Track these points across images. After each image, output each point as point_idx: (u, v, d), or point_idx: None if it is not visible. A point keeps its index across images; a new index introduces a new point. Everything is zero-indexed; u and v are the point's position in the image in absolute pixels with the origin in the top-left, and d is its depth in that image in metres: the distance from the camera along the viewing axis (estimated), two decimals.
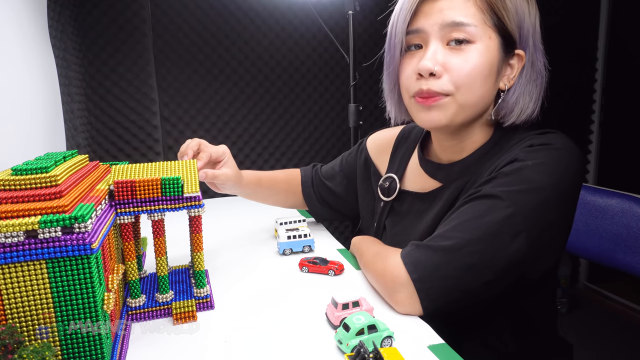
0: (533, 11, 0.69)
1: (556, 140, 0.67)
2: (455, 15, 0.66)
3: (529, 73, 0.71)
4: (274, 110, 1.68)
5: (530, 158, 0.64)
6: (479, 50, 0.67)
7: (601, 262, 1.08)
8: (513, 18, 0.67)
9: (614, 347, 1.74)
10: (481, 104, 0.70)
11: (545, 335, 0.77)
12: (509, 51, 0.69)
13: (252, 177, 0.98)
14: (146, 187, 0.62)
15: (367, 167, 0.97)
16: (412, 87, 0.71)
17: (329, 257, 0.87)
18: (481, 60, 0.67)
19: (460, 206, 0.67)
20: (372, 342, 0.52)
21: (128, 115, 1.49)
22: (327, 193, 1.04)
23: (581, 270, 2.26)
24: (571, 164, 0.65)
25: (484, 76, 0.67)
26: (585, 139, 2.18)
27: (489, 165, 0.70)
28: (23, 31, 0.98)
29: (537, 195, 0.62)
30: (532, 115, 0.72)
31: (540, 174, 0.63)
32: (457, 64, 0.67)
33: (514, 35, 0.68)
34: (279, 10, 1.61)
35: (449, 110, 0.69)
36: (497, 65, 0.69)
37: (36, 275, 0.46)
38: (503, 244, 0.61)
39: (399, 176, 0.87)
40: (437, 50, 0.68)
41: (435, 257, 0.63)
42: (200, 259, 0.68)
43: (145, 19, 1.46)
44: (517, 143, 0.70)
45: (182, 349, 0.58)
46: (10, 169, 0.56)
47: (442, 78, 0.67)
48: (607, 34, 2.10)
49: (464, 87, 0.67)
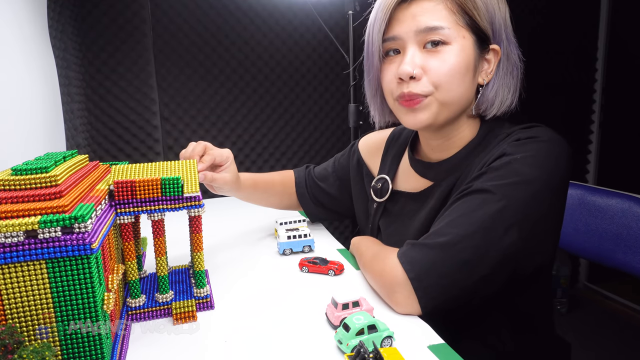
0: (503, 6, 0.72)
1: (542, 133, 0.69)
2: (428, 20, 0.69)
3: (505, 66, 0.74)
4: (274, 110, 1.68)
5: (518, 152, 0.66)
6: (454, 51, 0.69)
7: (601, 262, 1.08)
8: (484, 16, 0.70)
9: (614, 347, 1.74)
10: (462, 100, 0.72)
11: (543, 333, 0.77)
12: (484, 47, 0.72)
13: (249, 181, 0.99)
14: (146, 187, 0.62)
15: (359, 168, 0.99)
16: (395, 91, 0.73)
17: (329, 257, 0.87)
18: (458, 60, 0.69)
19: (453, 203, 0.68)
20: (372, 342, 0.52)
21: (128, 115, 1.49)
22: (320, 194, 1.05)
23: (581, 270, 2.26)
24: (559, 155, 0.67)
25: (461, 74, 0.70)
26: (585, 139, 2.18)
27: (478, 162, 0.72)
28: (23, 31, 0.98)
29: (528, 187, 0.64)
30: (511, 106, 0.75)
31: (529, 166, 0.65)
32: (435, 66, 0.69)
33: (487, 32, 0.71)
34: (279, 10, 1.61)
35: (432, 109, 0.71)
36: (474, 62, 0.71)
37: (36, 275, 0.46)
38: (496, 237, 0.62)
39: (391, 177, 0.89)
40: (415, 54, 0.70)
41: (431, 255, 0.63)
42: (200, 259, 0.68)
43: (145, 19, 1.46)
44: (504, 138, 0.72)
45: (182, 349, 0.58)
46: (10, 169, 0.56)
47: (422, 80, 0.70)
48: (607, 34, 2.10)
49: (443, 86, 0.70)
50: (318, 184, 1.04)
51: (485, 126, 0.76)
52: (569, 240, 1.15)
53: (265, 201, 1.06)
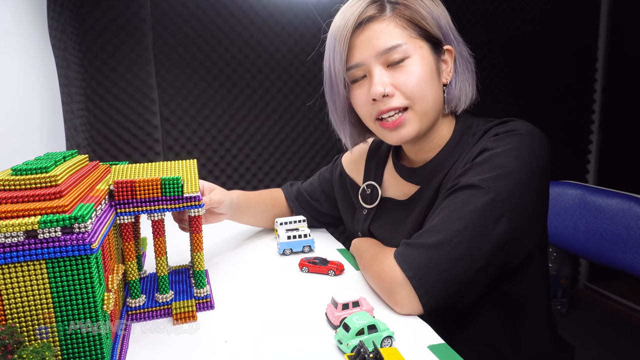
0: (443, 10, 0.76)
1: (519, 126, 0.71)
2: (386, 41, 0.72)
3: (461, 62, 0.78)
4: (274, 110, 1.68)
5: (498, 146, 0.69)
6: (416, 62, 0.72)
7: (601, 262, 1.08)
8: (431, 22, 0.74)
9: (614, 347, 1.74)
10: (436, 105, 0.76)
11: (540, 327, 0.77)
12: (439, 50, 0.76)
13: (241, 195, 0.98)
14: (146, 187, 0.62)
15: (342, 180, 1.01)
16: (372, 112, 0.75)
17: (329, 257, 0.87)
18: (422, 69, 0.72)
19: (442, 201, 0.70)
20: (372, 342, 0.52)
21: (128, 115, 1.49)
22: (309, 207, 1.06)
23: (581, 270, 2.26)
24: (538, 145, 0.69)
25: (428, 81, 0.73)
26: (585, 139, 2.18)
27: (461, 160, 0.75)
28: (23, 31, 0.98)
29: (512, 178, 0.66)
30: (473, 98, 0.79)
31: (511, 158, 0.67)
32: (403, 80, 0.72)
33: (438, 36, 0.75)
34: (279, 10, 1.60)
35: (414, 123, 0.74)
36: (436, 67, 0.75)
37: (36, 275, 0.46)
38: (488, 229, 0.64)
39: (378, 183, 0.90)
40: (382, 74, 0.73)
41: (427, 253, 0.64)
42: (200, 259, 0.68)
43: (145, 19, 1.46)
44: (482, 135, 0.75)
45: (182, 349, 0.58)
46: (10, 169, 0.56)
47: (395, 95, 0.73)
48: (607, 34, 2.09)
49: (417, 97, 0.73)
50: (307, 198, 1.06)
51: (461, 123, 0.79)
52: (569, 240, 1.15)
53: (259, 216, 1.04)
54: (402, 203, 0.84)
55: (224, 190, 0.91)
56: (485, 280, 0.66)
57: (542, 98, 2.04)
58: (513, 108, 1.99)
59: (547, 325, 0.78)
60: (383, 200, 0.88)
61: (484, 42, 1.92)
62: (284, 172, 1.73)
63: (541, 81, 2.04)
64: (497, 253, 0.65)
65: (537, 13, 1.97)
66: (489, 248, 0.64)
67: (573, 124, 2.13)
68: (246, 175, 1.69)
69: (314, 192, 1.06)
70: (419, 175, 0.81)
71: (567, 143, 2.12)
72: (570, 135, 2.13)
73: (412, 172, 0.83)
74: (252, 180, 1.70)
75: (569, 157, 2.14)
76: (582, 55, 2.10)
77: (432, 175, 0.78)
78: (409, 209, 0.81)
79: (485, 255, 0.64)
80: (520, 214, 0.66)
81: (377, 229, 0.88)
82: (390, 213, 0.86)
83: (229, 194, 0.91)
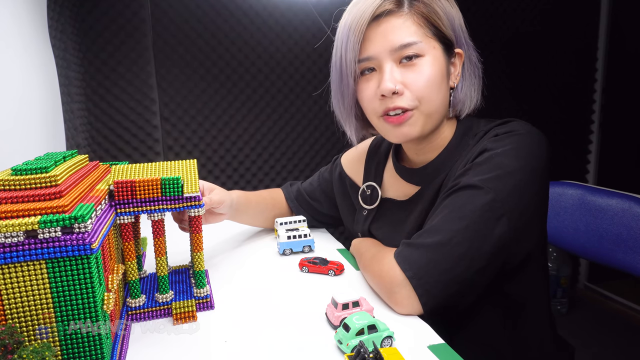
0: (457, 12, 0.76)
1: (519, 127, 0.71)
2: (401, 37, 0.70)
3: (469, 67, 0.78)
4: (274, 110, 1.68)
5: (498, 146, 0.69)
6: (429, 62, 0.71)
7: (601, 262, 1.08)
8: (447, 23, 0.73)
9: (614, 346, 1.74)
10: (443, 107, 0.75)
11: (540, 327, 0.77)
12: (450, 52, 0.75)
13: (241, 195, 0.98)
14: (146, 187, 0.62)
15: (342, 181, 1.00)
16: (379, 108, 0.74)
17: (329, 257, 0.87)
18: (433, 70, 0.71)
19: (442, 201, 0.70)
20: (372, 342, 0.52)
21: (128, 115, 1.49)
22: (309, 207, 1.06)
23: (581, 270, 2.26)
24: (537, 145, 0.70)
25: (438, 83, 0.72)
26: (585, 139, 2.18)
27: (461, 160, 0.74)
28: (23, 31, 0.98)
29: (512, 178, 0.66)
30: (477, 103, 0.79)
31: (511, 158, 0.67)
32: (414, 79, 0.71)
33: (451, 38, 0.74)
34: (279, 10, 1.60)
35: (418, 123, 0.73)
36: (446, 69, 0.74)
37: (36, 275, 0.46)
38: (488, 228, 0.64)
39: (378, 184, 0.90)
40: (393, 70, 0.72)
41: (427, 253, 0.64)
42: (200, 259, 0.68)
43: (145, 19, 1.46)
44: (482, 136, 0.74)
45: (182, 349, 0.58)
46: (10, 169, 0.56)
47: (405, 94, 0.72)
48: (607, 33, 2.09)
49: (426, 98, 0.72)
50: (306, 198, 1.06)
51: (462, 125, 0.79)
52: (569, 240, 1.15)
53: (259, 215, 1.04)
54: (402, 203, 0.84)
55: (224, 191, 0.91)
56: (485, 280, 0.66)
57: (542, 98, 2.04)
58: (513, 108, 1.99)
59: (547, 325, 0.78)
60: (383, 200, 0.88)
61: (484, 42, 1.91)
62: (284, 172, 1.73)
63: (541, 81, 2.04)
64: (497, 253, 0.65)
65: (537, 13, 1.97)
66: (489, 248, 0.64)
67: (573, 124, 2.13)
68: (246, 175, 1.69)
69: (314, 192, 1.06)
70: (420, 176, 0.81)
71: (567, 143, 2.12)
72: (570, 135, 2.13)
73: (412, 173, 0.83)
74: (252, 180, 1.70)
75: (569, 157, 2.14)
76: (582, 55, 2.10)
77: (433, 176, 0.78)
78: (409, 209, 0.81)
79: (485, 255, 0.64)
80: (520, 214, 0.66)
81: (377, 229, 0.87)
82: (390, 213, 0.86)
83: (229, 194, 0.91)
